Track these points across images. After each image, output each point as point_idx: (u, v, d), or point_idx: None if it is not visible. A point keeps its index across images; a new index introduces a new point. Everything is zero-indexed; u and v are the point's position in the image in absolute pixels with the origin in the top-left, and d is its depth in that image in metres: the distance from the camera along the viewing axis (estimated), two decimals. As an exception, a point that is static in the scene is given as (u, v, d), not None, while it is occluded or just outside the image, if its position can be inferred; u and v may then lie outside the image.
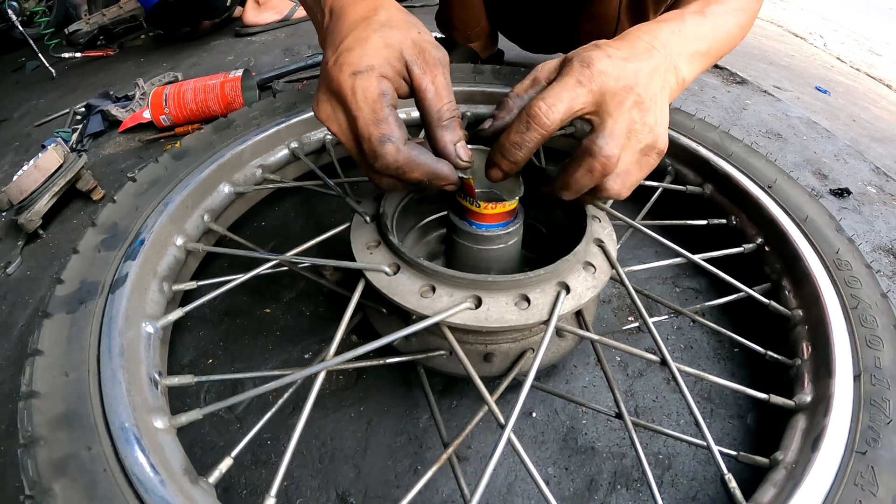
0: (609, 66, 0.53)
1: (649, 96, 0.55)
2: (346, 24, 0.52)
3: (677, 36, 0.62)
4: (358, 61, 0.49)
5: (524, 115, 0.53)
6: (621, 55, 0.55)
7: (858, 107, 1.86)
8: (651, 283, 0.91)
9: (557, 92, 0.52)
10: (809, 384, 0.65)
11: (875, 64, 2.74)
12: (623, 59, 0.55)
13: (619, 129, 0.53)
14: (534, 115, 0.52)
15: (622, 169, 0.56)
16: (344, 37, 0.51)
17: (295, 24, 2.16)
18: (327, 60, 0.51)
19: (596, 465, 0.67)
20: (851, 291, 0.71)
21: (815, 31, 3.06)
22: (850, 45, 3.04)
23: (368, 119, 0.49)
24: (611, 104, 0.53)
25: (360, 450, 0.68)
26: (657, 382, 0.76)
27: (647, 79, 0.56)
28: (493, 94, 1.03)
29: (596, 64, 0.53)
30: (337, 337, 0.56)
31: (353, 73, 0.49)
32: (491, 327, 0.54)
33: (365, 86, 0.49)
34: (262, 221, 1.03)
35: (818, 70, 2.24)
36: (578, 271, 0.59)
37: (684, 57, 0.62)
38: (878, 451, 0.55)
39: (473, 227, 0.59)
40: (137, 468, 0.46)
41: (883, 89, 2.34)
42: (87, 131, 1.45)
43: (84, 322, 0.59)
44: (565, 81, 0.53)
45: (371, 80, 0.49)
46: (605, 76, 0.53)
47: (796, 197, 0.84)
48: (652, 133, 0.55)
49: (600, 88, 0.53)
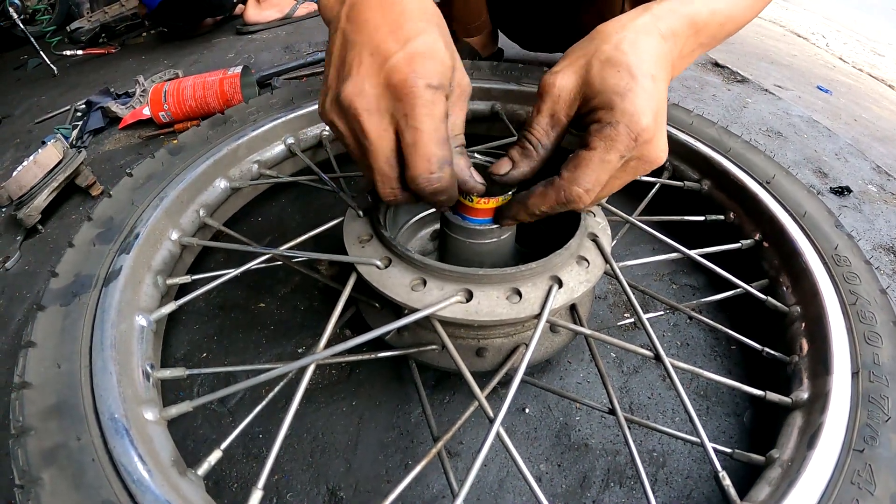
0: (653, 133, 0.49)
1: (661, 122, 0.51)
2: (408, 17, 0.47)
3: (691, 31, 0.57)
4: (433, 75, 0.46)
5: (559, 194, 0.52)
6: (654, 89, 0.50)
7: (860, 106, 1.85)
8: (648, 280, 0.91)
9: (598, 175, 0.50)
10: (807, 381, 0.64)
11: (877, 64, 2.73)
12: (658, 100, 0.50)
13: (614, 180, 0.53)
14: (571, 201, 0.51)
15: (605, 193, 0.54)
16: (413, 33, 0.46)
17: (296, 21, 2.16)
18: (386, 48, 0.46)
19: (589, 462, 0.67)
20: (850, 287, 0.70)
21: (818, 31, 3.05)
22: (853, 45, 3.03)
23: (434, 138, 0.47)
24: (632, 166, 0.52)
25: (352, 444, 0.68)
26: (652, 379, 0.76)
27: (662, 98, 0.51)
28: (491, 90, 1.03)
29: (644, 135, 0.49)
30: (327, 330, 0.55)
31: (429, 86, 0.45)
32: (481, 321, 0.53)
33: (436, 101, 0.46)
34: (259, 217, 1.03)
35: (820, 70, 2.23)
36: (571, 265, 0.59)
37: (683, 57, 0.58)
38: (875, 448, 0.54)
39: (466, 221, 0.59)
40: (125, 458, 0.47)
41: (885, 89, 2.33)
42: (88, 128, 1.45)
43: (77, 314, 0.59)
44: (609, 160, 0.49)
45: (442, 100, 0.47)
46: (647, 147, 0.50)
47: (795, 193, 0.83)
48: (653, 163, 0.52)
49: (636, 155, 0.50)
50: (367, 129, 0.47)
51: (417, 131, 0.46)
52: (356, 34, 0.48)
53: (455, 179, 0.51)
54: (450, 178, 0.49)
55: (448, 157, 0.48)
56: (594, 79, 0.50)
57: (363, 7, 0.48)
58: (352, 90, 0.47)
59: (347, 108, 0.47)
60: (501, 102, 1.03)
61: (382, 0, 0.48)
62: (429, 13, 0.49)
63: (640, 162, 0.51)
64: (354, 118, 0.47)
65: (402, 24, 0.47)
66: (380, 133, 0.48)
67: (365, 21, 0.47)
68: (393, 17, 0.47)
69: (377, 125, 0.47)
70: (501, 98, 1.03)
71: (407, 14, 0.47)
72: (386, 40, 0.46)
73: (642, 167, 0.52)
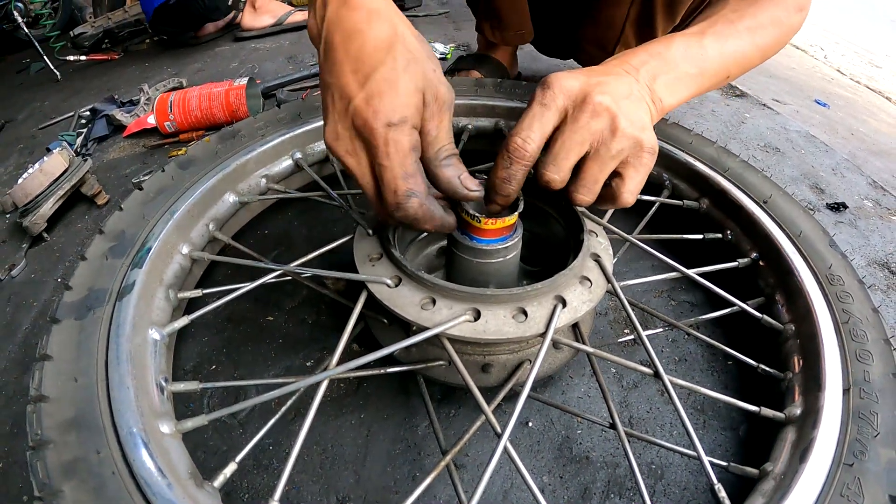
0: (569, 81, 0.56)
1: (618, 100, 0.56)
2: (369, 47, 0.49)
3: (657, 59, 0.64)
4: (391, 112, 0.48)
5: (504, 151, 0.56)
6: (584, 73, 0.58)
7: (857, 120, 1.87)
8: (647, 297, 0.93)
9: (528, 122, 0.56)
10: (800, 397, 0.66)
11: (875, 76, 2.76)
12: (585, 76, 0.57)
13: (568, 143, 0.56)
14: (513, 150, 0.56)
15: (589, 178, 0.58)
16: (371, 69, 0.49)
17: (293, 30, 2.18)
18: (348, 91, 0.49)
19: (590, 474, 0.68)
20: (843, 306, 0.72)
21: (816, 43, 3.08)
22: (851, 56, 3.06)
23: (398, 173, 0.50)
24: (570, 117, 0.56)
25: (361, 456, 0.69)
26: (651, 394, 0.77)
27: (615, 88, 0.57)
28: (495, 107, 1.05)
29: (555, 83, 0.56)
30: (339, 347, 0.57)
31: (388, 125, 0.48)
32: (489, 339, 0.55)
33: (398, 139, 0.49)
34: (266, 230, 1.04)
35: (818, 83, 2.25)
36: (575, 285, 0.61)
37: (665, 80, 0.63)
38: (865, 463, 0.56)
39: (474, 241, 0.61)
40: (145, 472, 0.48)
41: (882, 102, 2.35)
42: (92, 135, 1.47)
43: (92, 328, 0.60)
44: (532, 109, 0.56)
45: (404, 134, 0.49)
46: (565, 90, 0.56)
47: (791, 212, 0.85)
48: (627, 137, 0.56)
49: (563, 104, 0.56)
50: (349, 168, 0.53)
51: (383, 167, 0.50)
52: (327, 74, 0.52)
53: (426, 208, 0.53)
54: (418, 208, 0.52)
55: (415, 188, 0.51)
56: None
57: (331, 44, 0.51)
58: (330, 134, 0.52)
59: (331, 151, 0.53)
60: (505, 120, 1.05)
61: (346, 35, 0.50)
62: (391, 39, 0.50)
63: (591, 122, 0.55)
64: (339, 159, 0.53)
65: (361, 60, 0.49)
66: (361, 171, 0.53)
67: (333, 60, 0.51)
68: (353, 53, 0.50)
69: (356, 165, 0.53)
70: (505, 115, 1.05)
71: (366, 48, 0.49)
72: (349, 81, 0.50)
73: (596, 129, 0.56)
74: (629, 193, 0.60)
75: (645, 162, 0.59)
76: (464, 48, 1.90)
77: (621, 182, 0.60)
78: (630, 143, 0.57)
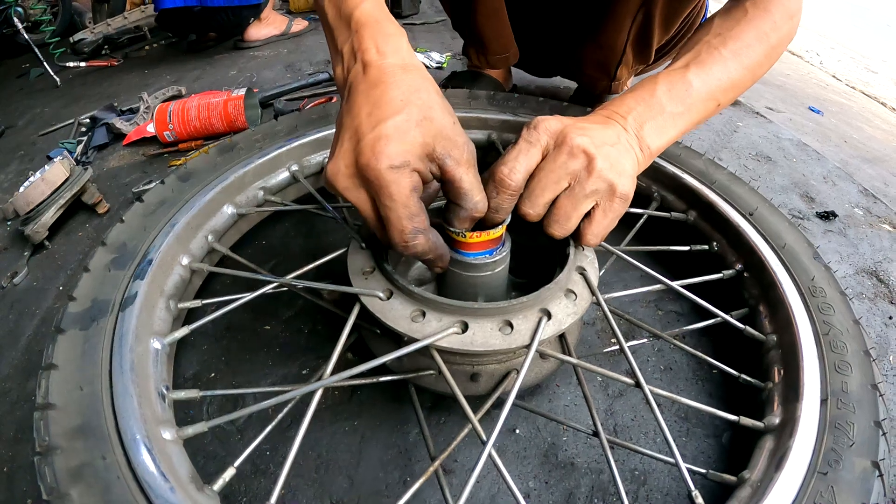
0: (553, 123, 0.62)
1: (598, 145, 0.61)
2: (386, 101, 0.52)
3: (643, 104, 0.68)
4: (395, 156, 0.50)
5: (491, 181, 0.60)
6: (570, 119, 0.63)
7: (851, 126, 1.88)
8: (635, 307, 0.95)
9: (514, 155, 0.61)
10: (779, 407, 0.68)
11: (870, 81, 2.76)
12: (571, 121, 0.63)
13: (545, 181, 0.61)
14: (499, 181, 0.60)
15: (562, 215, 0.62)
16: (383, 118, 0.51)
17: (292, 37, 2.21)
18: (360, 131, 0.52)
19: (574, 480, 0.71)
20: (824, 318, 0.74)
21: (812, 48, 3.09)
22: (847, 62, 3.06)
23: (402, 214, 0.52)
24: (549, 156, 0.61)
25: (354, 461, 0.72)
26: (636, 402, 0.80)
27: (600, 133, 0.62)
28: (487, 120, 1.08)
29: (540, 123, 0.62)
30: (334, 356, 0.60)
31: (391, 167, 0.50)
32: (476, 351, 0.58)
33: (400, 181, 0.51)
34: (263, 240, 1.07)
35: (813, 89, 2.26)
36: (560, 298, 0.64)
37: (652, 125, 0.66)
38: (839, 472, 0.58)
39: (461, 255, 0.63)
40: (148, 476, 0.50)
41: (877, 107, 2.36)
42: (92, 143, 1.49)
43: (96, 339, 0.62)
44: (518, 144, 0.62)
45: (405, 177, 0.51)
46: (549, 130, 0.61)
47: (776, 224, 0.87)
48: (602, 179, 0.60)
49: (546, 143, 0.61)
50: (351, 201, 0.55)
51: (387, 208, 0.52)
52: (345, 116, 0.54)
53: (433, 243, 0.56)
54: (425, 243, 0.55)
55: (420, 226, 0.53)
56: None
57: (355, 90, 0.54)
58: (332, 169, 0.54)
59: (332, 186, 0.55)
60: (498, 132, 1.08)
61: (370, 82, 0.54)
62: (410, 93, 0.53)
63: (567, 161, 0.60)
64: (339, 193, 0.55)
65: (379, 106, 0.52)
66: (362, 204, 0.55)
67: (353, 103, 0.54)
68: (373, 99, 0.53)
69: (356, 198, 0.54)
70: (498, 128, 1.08)
71: (386, 96, 0.52)
72: (362, 122, 0.52)
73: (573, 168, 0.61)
74: (593, 236, 0.64)
75: (615, 207, 0.62)
76: (460, 58, 1.92)
77: (588, 223, 0.64)
78: (604, 186, 0.61)
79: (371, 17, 0.58)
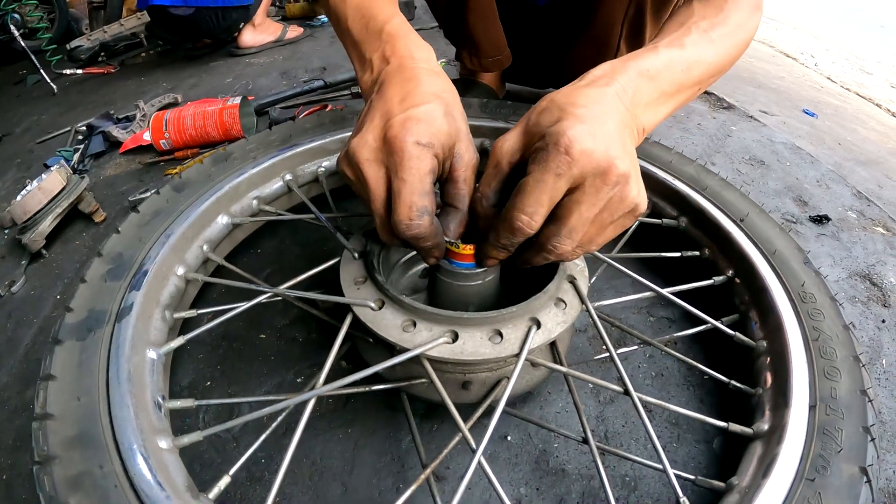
0: (590, 142, 0.48)
1: (631, 162, 0.51)
2: (419, 93, 0.56)
3: (643, 78, 0.59)
4: (423, 134, 0.53)
5: (506, 225, 0.53)
6: (593, 115, 0.50)
7: (846, 129, 1.87)
8: (627, 312, 0.96)
9: (537, 197, 0.50)
10: (768, 413, 0.68)
11: (865, 83, 2.76)
12: (599, 124, 0.50)
13: (586, 215, 0.51)
14: (517, 229, 0.52)
15: (585, 240, 0.54)
16: (417, 102, 0.55)
17: (288, 44, 2.22)
18: (391, 111, 0.55)
19: (565, 486, 0.72)
20: (814, 323, 0.74)
21: (807, 50, 3.08)
22: (842, 63, 3.06)
23: (416, 189, 0.52)
24: (589, 188, 0.50)
25: (348, 468, 0.73)
26: (627, 408, 0.80)
27: (621, 139, 0.52)
28: (480, 127, 1.08)
29: (575, 146, 0.48)
30: (327, 366, 0.61)
31: (417, 143, 0.52)
32: (466, 360, 0.59)
33: (422, 156, 0.53)
34: (258, 249, 1.07)
35: (807, 91, 2.25)
36: (550, 307, 0.64)
37: (645, 104, 0.59)
38: (826, 478, 0.58)
39: (453, 265, 0.64)
40: (145, 484, 0.51)
41: (872, 109, 2.35)
42: (89, 151, 1.49)
43: (93, 349, 0.63)
44: (544, 179, 0.49)
45: (427, 155, 0.53)
46: (586, 157, 0.48)
47: (767, 230, 0.87)
48: (631, 203, 0.53)
49: (581, 172, 0.49)
50: (366, 175, 0.55)
51: (402, 181, 0.53)
52: (377, 101, 0.58)
53: (435, 228, 0.56)
54: (429, 226, 0.55)
55: (429, 207, 0.54)
56: (531, 125, 0.54)
57: (388, 83, 0.59)
58: (357, 142, 0.55)
59: (353, 157, 0.56)
60: (490, 140, 1.09)
61: (404, 77, 0.59)
62: (440, 92, 0.58)
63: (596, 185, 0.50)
64: (357, 166, 0.56)
65: (411, 95, 0.56)
66: (376, 180, 0.55)
67: (385, 93, 0.58)
68: (407, 90, 0.57)
69: (374, 173, 0.55)
70: (490, 135, 1.09)
71: (419, 89, 0.57)
72: (395, 106, 0.55)
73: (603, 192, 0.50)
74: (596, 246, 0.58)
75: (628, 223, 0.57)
76: (455, 64, 1.94)
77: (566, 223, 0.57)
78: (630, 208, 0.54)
79: (402, 30, 0.65)
